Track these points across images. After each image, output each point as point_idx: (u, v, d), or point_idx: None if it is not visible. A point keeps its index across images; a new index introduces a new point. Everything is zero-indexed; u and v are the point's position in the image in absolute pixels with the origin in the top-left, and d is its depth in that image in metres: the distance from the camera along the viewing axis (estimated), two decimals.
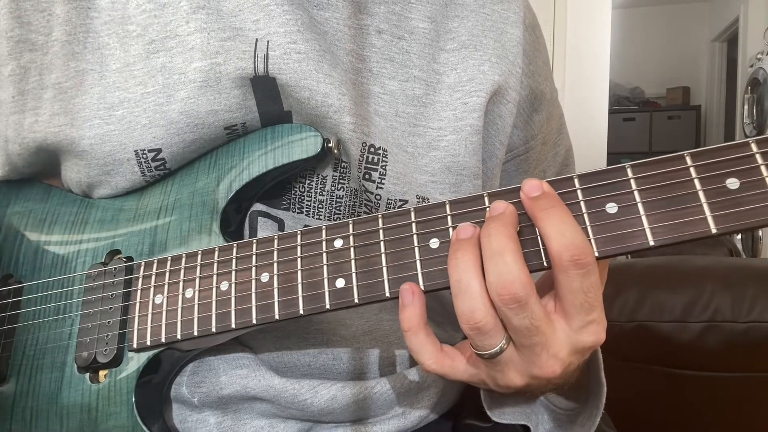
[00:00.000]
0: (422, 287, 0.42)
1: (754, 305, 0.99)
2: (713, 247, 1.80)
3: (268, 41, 0.50)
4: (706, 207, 0.37)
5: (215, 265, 0.48)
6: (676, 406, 1.06)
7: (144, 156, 0.51)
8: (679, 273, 1.07)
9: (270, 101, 0.51)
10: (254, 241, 0.47)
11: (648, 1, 5.71)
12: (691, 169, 0.37)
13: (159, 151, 0.51)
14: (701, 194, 0.37)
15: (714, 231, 0.36)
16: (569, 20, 2.32)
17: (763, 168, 0.36)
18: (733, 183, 0.36)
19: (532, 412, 0.52)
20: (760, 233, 3.09)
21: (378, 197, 0.53)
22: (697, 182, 0.37)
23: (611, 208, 0.39)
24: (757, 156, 0.36)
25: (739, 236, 3.02)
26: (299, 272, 0.45)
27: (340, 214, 0.54)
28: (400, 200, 0.53)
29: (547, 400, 0.52)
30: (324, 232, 0.45)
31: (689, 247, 1.71)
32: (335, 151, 0.51)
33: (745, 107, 4.29)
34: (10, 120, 0.53)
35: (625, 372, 1.05)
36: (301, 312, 0.44)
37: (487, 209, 0.41)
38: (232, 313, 0.46)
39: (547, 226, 0.38)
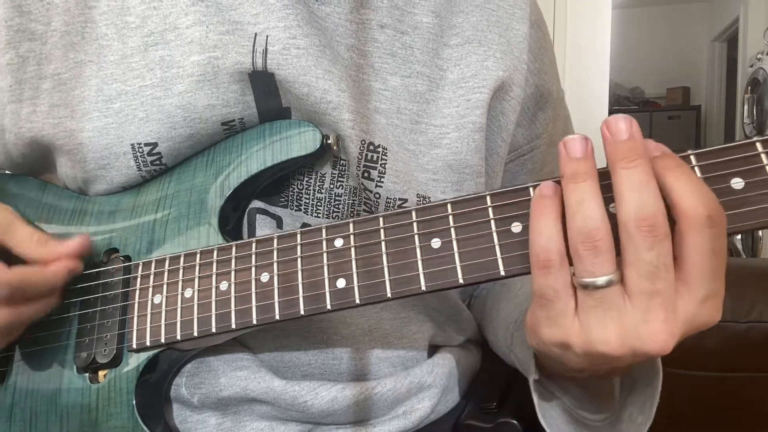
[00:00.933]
0: (424, 288, 0.42)
1: (754, 305, 0.99)
2: None
3: (267, 36, 0.49)
4: None
5: (214, 264, 0.47)
6: (676, 406, 1.06)
7: (140, 150, 0.51)
8: None
9: (268, 97, 0.51)
10: (253, 240, 0.47)
11: (648, 1, 5.70)
12: (696, 169, 0.37)
13: (155, 145, 0.50)
14: None
15: None
16: (569, 20, 2.31)
17: None
18: (737, 183, 0.36)
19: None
20: (760, 233, 3.09)
21: (377, 196, 0.52)
22: None
23: (612, 208, 0.38)
24: (762, 156, 0.36)
25: (739, 236, 3.02)
26: (299, 272, 0.45)
27: (338, 212, 0.54)
28: (400, 199, 0.53)
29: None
30: (324, 231, 0.45)
31: None
32: (334, 148, 0.50)
33: (745, 107, 4.29)
34: (7, 109, 0.53)
35: None
36: (302, 312, 0.44)
37: (490, 208, 0.41)
38: (232, 313, 0.46)
39: (681, 183, 0.35)
